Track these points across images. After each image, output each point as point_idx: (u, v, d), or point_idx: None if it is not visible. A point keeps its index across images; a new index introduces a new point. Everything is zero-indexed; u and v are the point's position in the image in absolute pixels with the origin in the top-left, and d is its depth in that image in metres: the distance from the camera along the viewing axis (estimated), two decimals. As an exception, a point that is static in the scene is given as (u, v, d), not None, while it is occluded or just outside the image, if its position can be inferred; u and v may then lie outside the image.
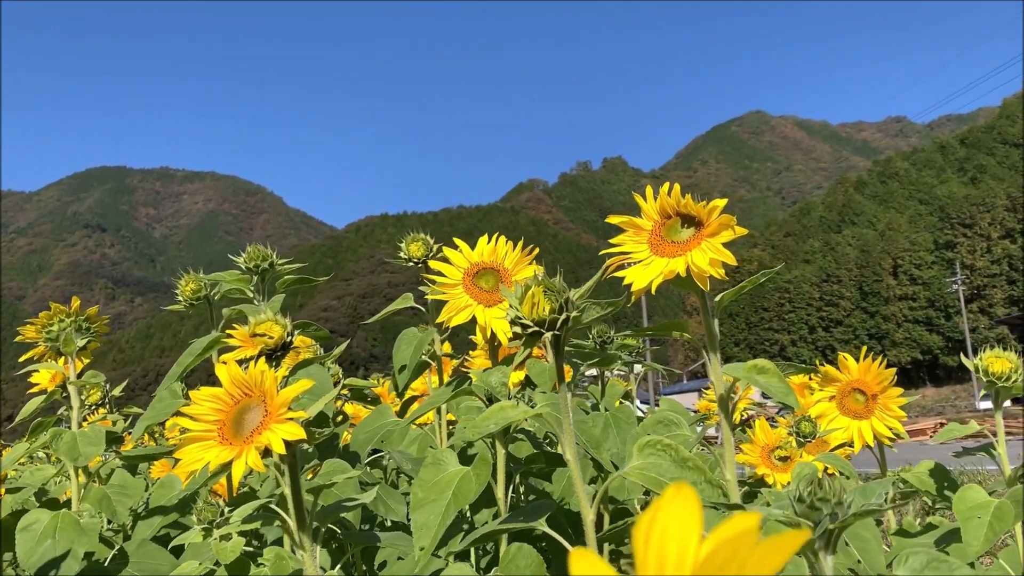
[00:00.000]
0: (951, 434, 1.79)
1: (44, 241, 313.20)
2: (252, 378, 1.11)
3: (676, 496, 0.32)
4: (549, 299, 1.04)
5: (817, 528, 0.81)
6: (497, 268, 1.64)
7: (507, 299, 1.07)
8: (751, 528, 0.30)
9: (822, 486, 0.82)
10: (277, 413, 1.08)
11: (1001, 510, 1.51)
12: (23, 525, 1.72)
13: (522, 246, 1.66)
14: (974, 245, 74.75)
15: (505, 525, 1.11)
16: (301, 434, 1.07)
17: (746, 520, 0.30)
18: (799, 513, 0.82)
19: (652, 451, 1.11)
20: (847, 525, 0.79)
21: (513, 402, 1.13)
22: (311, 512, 1.18)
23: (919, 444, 17.59)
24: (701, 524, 0.31)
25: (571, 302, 1.07)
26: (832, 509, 0.81)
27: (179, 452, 1.11)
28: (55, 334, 1.99)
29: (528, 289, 1.05)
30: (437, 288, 1.63)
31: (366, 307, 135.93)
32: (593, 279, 1.15)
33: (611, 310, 1.11)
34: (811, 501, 0.82)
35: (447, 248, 1.70)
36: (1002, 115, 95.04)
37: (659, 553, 0.31)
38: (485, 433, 1.09)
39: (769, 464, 1.75)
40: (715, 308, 1.27)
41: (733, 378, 1.28)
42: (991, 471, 6.71)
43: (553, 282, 1.07)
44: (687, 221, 1.23)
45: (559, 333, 1.06)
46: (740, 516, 0.30)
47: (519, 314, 1.05)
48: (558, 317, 1.05)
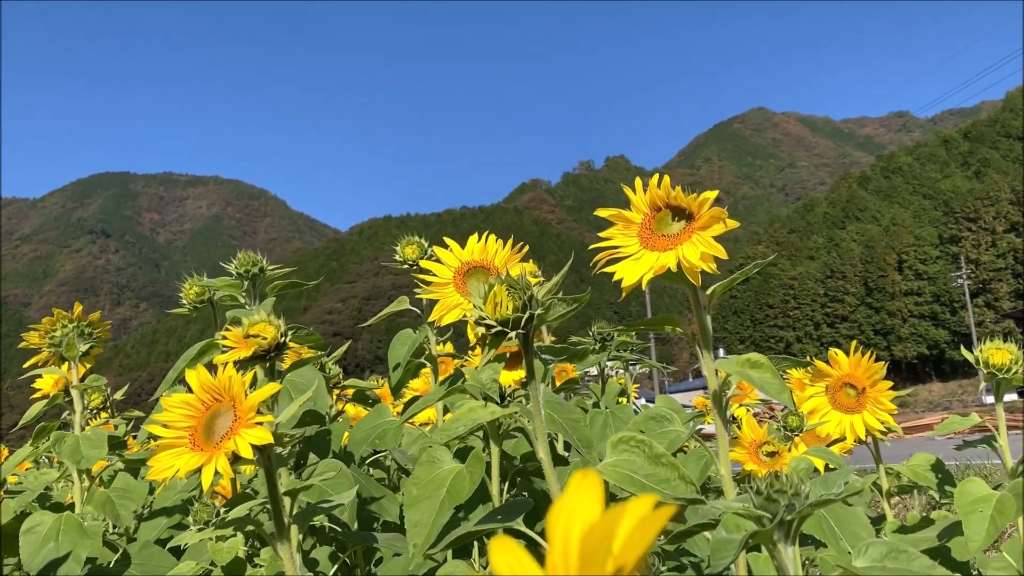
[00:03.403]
0: (951, 427, 1.79)
1: (49, 247, 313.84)
2: (221, 383, 1.10)
3: (583, 481, 0.34)
4: (512, 298, 1.05)
5: (775, 519, 0.82)
6: (487, 266, 1.64)
7: (472, 301, 1.08)
8: (634, 505, 0.31)
9: (779, 478, 0.83)
10: (246, 418, 1.08)
11: (1003, 503, 1.50)
12: (26, 528, 1.74)
13: (512, 243, 1.66)
14: (979, 239, 74.50)
15: (482, 526, 1.11)
16: (269, 439, 1.06)
17: (641, 500, 0.32)
18: (757, 505, 0.83)
19: (626, 447, 1.10)
20: (805, 516, 0.80)
21: (482, 403, 1.13)
22: (290, 514, 1.19)
23: (925, 439, 17.52)
24: (601, 508, 0.33)
25: (535, 300, 1.07)
26: (789, 500, 0.82)
27: (151, 459, 1.10)
28: (58, 339, 2.02)
29: (491, 288, 1.06)
30: (429, 288, 1.64)
31: (370, 309, 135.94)
32: (559, 275, 1.14)
33: (576, 307, 1.11)
34: (768, 493, 0.83)
35: (438, 248, 1.71)
36: (1005, 108, 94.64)
37: (564, 534, 0.33)
38: (454, 435, 1.09)
39: (756, 460, 1.76)
40: (707, 302, 1.26)
41: (726, 373, 1.28)
42: (996, 465, 6.69)
43: (516, 279, 1.07)
44: (678, 214, 1.21)
45: (525, 331, 1.06)
46: (636, 499, 0.32)
47: (483, 314, 1.06)
48: (522, 316, 1.05)
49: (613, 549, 0.30)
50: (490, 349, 1.07)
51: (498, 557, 0.34)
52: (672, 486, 1.06)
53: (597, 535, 0.31)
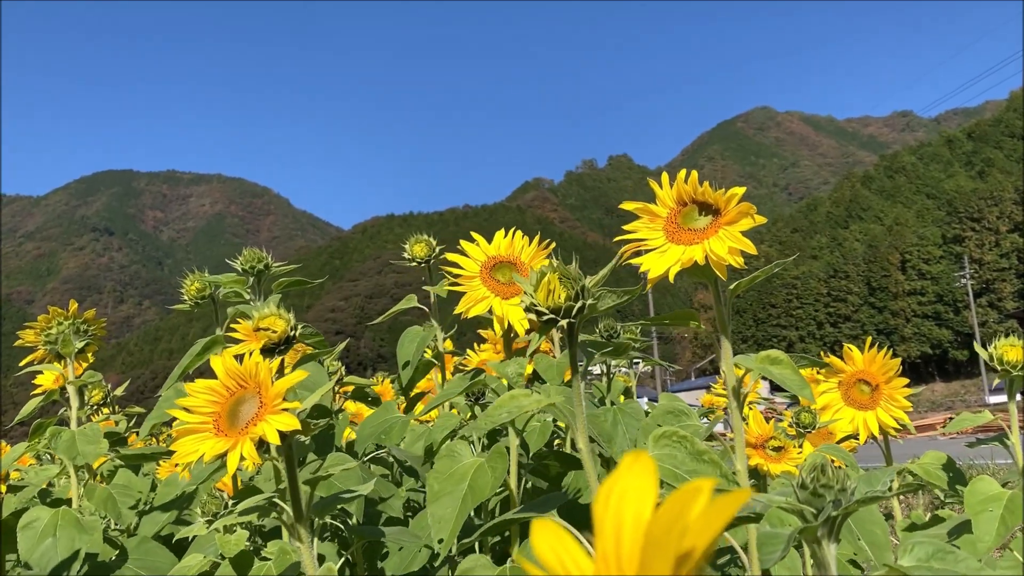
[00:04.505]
0: (962, 424, 1.77)
1: (52, 245, 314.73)
2: (247, 370, 1.11)
3: (635, 463, 0.32)
4: (565, 286, 1.03)
5: (820, 515, 0.79)
6: (514, 261, 1.65)
7: (522, 287, 1.05)
8: (699, 490, 0.29)
9: (825, 472, 0.80)
10: (272, 404, 1.08)
11: (1013, 502, 1.49)
12: (24, 523, 1.74)
13: (539, 240, 1.67)
14: (982, 239, 74.45)
15: (517, 515, 1.10)
16: (296, 425, 1.06)
17: (697, 484, 0.30)
18: (802, 500, 0.81)
19: (668, 442, 1.09)
20: (850, 512, 0.78)
21: (527, 391, 1.10)
22: (308, 505, 1.18)
23: (928, 439, 17.50)
24: (656, 490, 0.31)
25: (587, 289, 1.05)
26: (835, 496, 0.79)
27: (175, 444, 1.11)
28: (54, 336, 2.02)
29: (544, 276, 1.03)
30: (455, 280, 1.64)
31: (373, 307, 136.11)
32: (608, 266, 1.13)
33: (627, 298, 1.10)
34: (814, 488, 0.80)
35: (464, 241, 1.71)
36: (1009, 108, 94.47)
37: (616, 518, 0.31)
38: (499, 423, 1.07)
39: (763, 455, 1.75)
40: (729, 298, 1.25)
41: (745, 369, 1.26)
42: (1000, 465, 6.67)
43: (569, 269, 1.05)
44: (703, 209, 1.21)
45: (574, 321, 1.04)
46: (693, 481, 0.30)
47: (534, 301, 1.04)
48: (574, 304, 1.03)
49: (685, 531, 0.28)
50: (540, 337, 1.05)
51: (542, 542, 0.32)
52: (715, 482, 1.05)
53: (669, 516, 0.28)
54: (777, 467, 1.72)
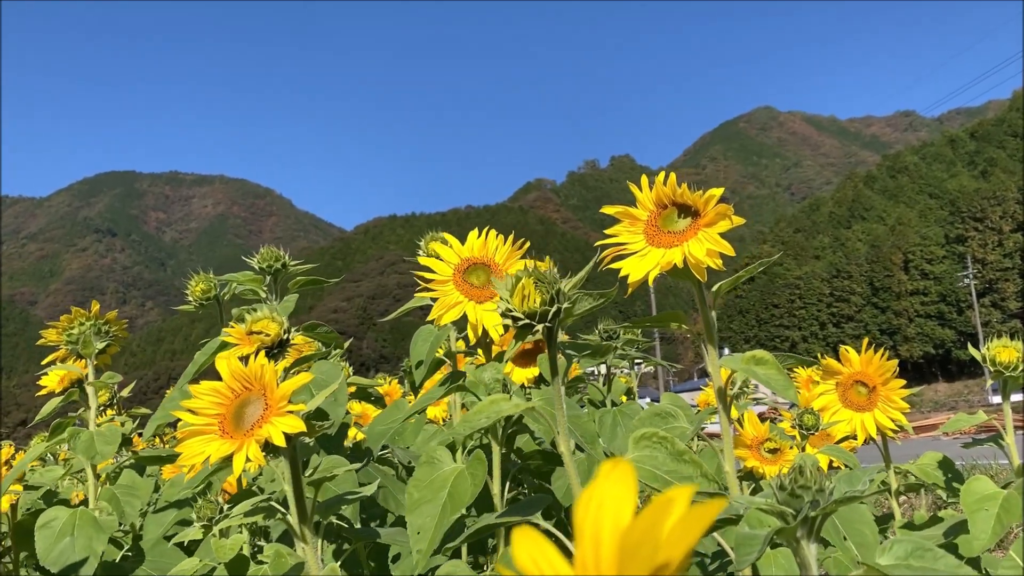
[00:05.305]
0: (959, 424, 1.78)
1: (55, 246, 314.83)
2: (252, 372, 1.12)
3: (613, 471, 0.32)
4: (540, 290, 1.03)
5: (798, 515, 0.80)
6: (488, 263, 1.59)
7: (498, 292, 1.06)
8: (673, 500, 0.29)
9: (803, 473, 0.80)
10: (277, 406, 1.09)
11: (1009, 501, 1.50)
12: (42, 523, 1.76)
13: (512, 239, 1.62)
14: (985, 239, 74.24)
15: (501, 519, 1.10)
16: (301, 427, 1.07)
17: (672, 494, 0.30)
18: (780, 501, 0.81)
19: (648, 444, 1.10)
20: (829, 512, 0.78)
21: (506, 395, 1.11)
22: (313, 506, 1.19)
23: (931, 439, 17.46)
24: (635, 498, 0.31)
25: (562, 293, 1.05)
26: (813, 496, 0.80)
27: (180, 446, 1.11)
28: (75, 337, 2.04)
29: (519, 280, 1.03)
30: (429, 286, 1.59)
31: (375, 308, 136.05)
32: (584, 269, 1.13)
33: (603, 301, 1.10)
34: (792, 488, 0.80)
35: (437, 244, 1.66)
36: (1012, 107, 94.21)
37: (595, 526, 0.31)
38: (476, 428, 1.07)
39: (758, 457, 1.76)
40: (713, 299, 1.26)
41: (731, 370, 1.27)
42: (1002, 465, 6.66)
43: (544, 273, 1.05)
44: (684, 211, 1.21)
45: (551, 325, 1.04)
46: (669, 491, 0.30)
47: (510, 306, 1.04)
48: (549, 309, 1.03)
49: (660, 541, 0.28)
50: (515, 343, 1.05)
51: (521, 550, 0.32)
52: (694, 483, 1.06)
53: (643, 526, 0.29)
54: (772, 469, 1.72)
